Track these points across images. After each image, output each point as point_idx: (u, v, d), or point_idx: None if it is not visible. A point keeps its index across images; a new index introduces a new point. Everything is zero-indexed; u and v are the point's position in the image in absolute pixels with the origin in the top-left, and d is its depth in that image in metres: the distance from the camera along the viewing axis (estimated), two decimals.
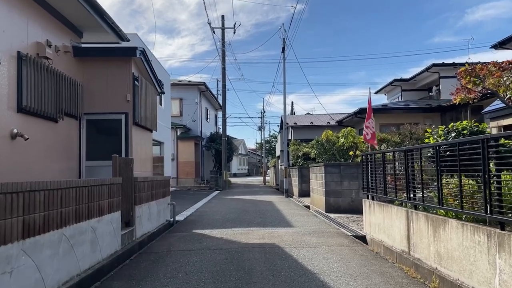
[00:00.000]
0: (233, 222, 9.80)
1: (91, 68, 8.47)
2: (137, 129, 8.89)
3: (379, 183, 7.19)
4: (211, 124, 35.26)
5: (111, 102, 8.46)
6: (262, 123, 47.18)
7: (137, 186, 7.73)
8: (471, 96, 7.51)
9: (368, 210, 7.72)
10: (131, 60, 8.51)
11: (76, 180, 4.96)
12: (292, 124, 24.65)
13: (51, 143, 7.25)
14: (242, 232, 8.20)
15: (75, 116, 8.09)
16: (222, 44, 26.24)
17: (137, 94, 8.76)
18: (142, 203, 8.09)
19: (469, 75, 7.11)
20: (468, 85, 7.23)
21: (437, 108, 18.79)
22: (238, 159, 64.37)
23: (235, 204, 15.13)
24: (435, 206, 5.03)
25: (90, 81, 8.42)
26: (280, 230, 8.51)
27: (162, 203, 9.85)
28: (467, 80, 7.16)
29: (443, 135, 5.64)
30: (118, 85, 8.48)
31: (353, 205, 11.32)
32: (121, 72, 8.51)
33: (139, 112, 8.87)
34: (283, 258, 5.79)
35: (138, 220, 7.79)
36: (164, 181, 10.22)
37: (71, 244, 4.76)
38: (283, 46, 18.65)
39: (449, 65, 23.16)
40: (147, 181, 8.46)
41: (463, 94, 7.50)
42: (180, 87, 28.54)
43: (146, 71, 9.38)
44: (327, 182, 11.71)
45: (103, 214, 5.87)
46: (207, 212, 12.43)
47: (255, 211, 12.24)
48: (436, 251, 4.89)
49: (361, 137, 12.30)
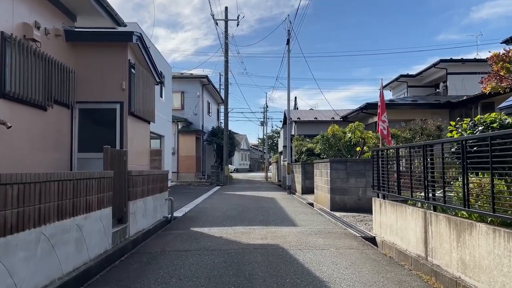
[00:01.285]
0: (233, 220, 9.30)
1: (84, 53, 7.94)
2: (133, 119, 8.37)
3: (391, 181, 6.66)
4: (213, 118, 34.72)
5: (106, 90, 7.94)
6: (265, 118, 46.62)
7: (131, 180, 7.22)
8: (503, 85, 6.88)
9: (379, 210, 7.19)
10: (127, 45, 7.97)
11: (58, 172, 4.45)
12: (296, 119, 24.11)
13: (39, 133, 6.74)
14: (243, 231, 7.69)
15: (66, 104, 7.58)
16: (225, 36, 25.65)
17: (133, 83, 8.23)
18: (137, 199, 7.59)
19: (502, 61, 6.47)
20: (500, 72, 6.60)
21: (445, 104, 18.22)
22: (240, 154, 63.88)
23: (236, 200, 14.63)
24: (459, 208, 4.50)
25: (83, 67, 7.90)
26: (283, 229, 8.00)
27: (159, 199, 9.35)
28: (499, 66, 6.53)
29: (469, 129, 5.09)
30: (113, 73, 7.95)
31: (359, 203, 10.79)
32: (117, 59, 7.98)
33: (136, 102, 8.35)
34: (287, 262, 5.28)
35: (132, 216, 7.28)
36: (162, 175, 9.71)
37: (51, 244, 4.25)
38: (288, 38, 18.08)
39: (457, 61, 22.61)
40: (143, 175, 7.95)
41: (494, 83, 6.86)
42: (182, 80, 28.00)
43: (144, 59, 8.85)
44: (333, 179, 11.18)
45: (91, 211, 5.36)
46: (207, 208, 11.93)
47: (257, 208, 11.74)
48: (459, 258, 4.36)
49: (369, 132, 11.75)
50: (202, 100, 28.88)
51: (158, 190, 9.31)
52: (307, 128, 23.80)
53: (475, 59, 23.88)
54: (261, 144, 61.70)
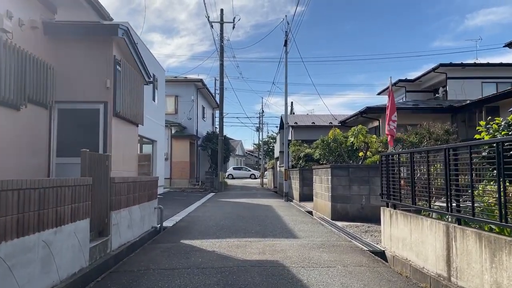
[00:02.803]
0: (228, 231, 8.58)
1: (65, 49, 7.25)
2: (119, 121, 7.67)
3: (404, 189, 5.99)
4: (208, 123, 34.01)
5: (88, 89, 7.25)
6: (261, 122, 45.94)
7: (114, 188, 6.50)
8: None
9: (388, 221, 6.51)
10: (112, 40, 7.30)
11: (18, 180, 3.75)
12: (293, 124, 23.47)
13: (9, 135, 6.03)
14: (239, 244, 6.97)
15: (43, 104, 6.88)
16: (221, 38, 25.04)
17: (119, 81, 7.55)
18: (121, 208, 6.86)
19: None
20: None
21: (448, 108, 17.67)
22: (235, 160, 63.10)
23: (231, 208, 13.90)
24: (494, 222, 3.83)
25: (64, 64, 7.21)
26: (282, 242, 7.29)
27: (147, 208, 8.61)
28: None
29: (503, 129, 4.44)
30: (97, 70, 7.27)
31: (363, 212, 10.11)
32: (101, 54, 7.30)
33: (121, 102, 7.66)
34: (290, 284, 4.57)
35: (115, 228, 6.55)
36: (151, 182, 8.98)
37: (7, 266, 3.53)
38: (286, 39, 17.46)
39: (457, 66, 22.15)
40: (128, 182, 7.23)
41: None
42: (176, 83, 27.29)
43: (131, 56, 8.17)
44: (334, 186, 10.50)
45: (63, 224, 4.64)
46: (200, 217, 11.20)
47: (253, 217, 11.02)
48: (495, 281, 3.69)
49: (372, 137, 11.10)
50: (196, 104, 28.18)
51: (146, 198, 8.58)
52: (305, 133, 23.17)
53: (475, 63, 23.43)
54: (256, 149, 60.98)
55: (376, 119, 18.48)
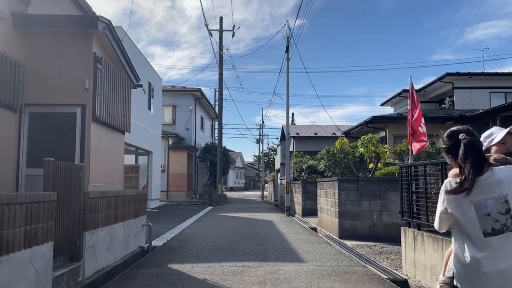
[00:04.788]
0: (224, 252, 7.59)
1: (38, 44, 6.37)
2: (99, 127, 6.74)
3: (432, 207, 5.04)
4: (207, 134, 33.11)
5: (64, 90, 6.35)
6: (261, 133, 45.02)
7: (89, 204, 5.54)
8: None
9: (411, 244, 5.54)
10: (91, 35, 6.41)
11: None
12: (294, 135, 22.54)
13: None
14: (235, 271, 5.97)
15: (11, 107, 5.97)
16: (220, 47, 24.28)
17: (100, 82, 6.64)
18: (98, 227, 5.90)
19: None
20: None
21: (458, 118, 16.74)
22: (235, 172, 62.09)
23: (229, 223, 12.90)
24: None
25: (37, 62, 6.32)
26: (286, 267, 6.30)
27: (133, 225, 7.64)
28: None
29: None
30: (74, 68, 6.37)
31: (374, 230, 9.12)
32: (78, 51, 6.41)
33: (103, 106, 6.74)
34: None
35: (90, 251, 5.58)
36: (138, 196, 8.02)
37: None
38: (287, 45, 16.66)
39: (464, 75, 21.36)
40: (108, 197, 6.27)
41: None
42: (174, 93, 26.48)
43: (116, 54, 7.28)
44: (342, 200, 9.53)
45: (12, 251, 3.68)
46: (194, 234, 10.20)
47: (252, 235, 10.02)
48: None
49: (384, 146, 10.15)
50: (195, 114, 27.32)
51: (132, 215, 7.62)
52: (307, 144, 22.24)
53: (483, 72, 22.65)
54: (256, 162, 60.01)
55: (383, 129, 17.57)
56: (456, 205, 2.08)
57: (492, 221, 1.99)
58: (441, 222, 2.22)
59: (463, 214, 2.06)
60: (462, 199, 2.04)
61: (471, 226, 2.03)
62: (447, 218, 2.18)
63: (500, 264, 1.94)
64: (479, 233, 2.01)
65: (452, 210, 2.09)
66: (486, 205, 2.01)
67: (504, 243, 1.96)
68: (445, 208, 2.13)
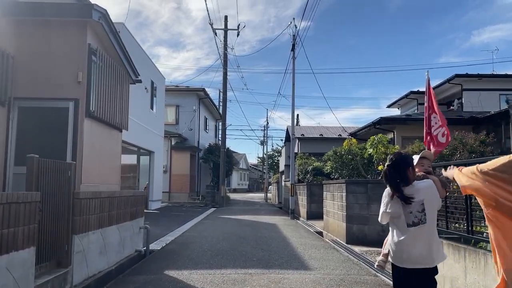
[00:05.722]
0: (224, 257, 7.16)
1: (28, 34, 5.99)
2: (94, 123, 6.35)
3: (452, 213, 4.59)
4: (211, 135, 32.71)
5: (56, 83, 5.97)
6: (265, 135, 44.55)
7: (79, 205, 5.14)
8: None
9: None
10: (86, 25, 6.03)
11: None
12: (299, 136, 22.07)
13: None
14: (236, 279, 5.53)
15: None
16: (224, 46, 23.90)
17: (95, 75, 6.26)
18: (89, 230, 5.49)
19: None
20: None
21: (469, 120, 16.24)
22: (239, 174, 61.68)
23: (231, 226, 12.47)
24: None
25: (27, 53, 5.94)
26: (291, 275, 5.85)
27: (130, 228, 7.23)
28: None
29: None
30: (67, 60, 5.99)
31: (384, 236, 8.56)
32: (71, 41, 6.03)
33: (98, 101, 6.35)
34: None
35: (80, 256, 5.17)
36: (135, 197, 7.61)
37: None
38: (293, 43, 16.21)
39: (473, 77, 20.83)
40: (101, 198, 5.86)
41: None
42: (177, 93, 26.11)
43: (112, 47, 6.89)
44: (350, 204, 9.07)
45: None
46: (195, 237, 9.78)
47: (255, 239, 9.59)
48: None
49: (395, 147, 9.70)
50: (198, 114, 26.94)
51: (129, 217, 7.21)
52: (312, 146, 21.76)
53: (493, 74, 22.11)
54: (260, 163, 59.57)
55: (390, 131, 17.08)
56: (394, 206, 3.05)
57: (413, 216, 2.96)
58: (383, 217, 3.15)
59: (397, 211, 3.02)
60: (395, 201, 3.03)
61: (400, 220, 3.02)
62: (386, 215, 3.11)
63: (414, 244, 2.93)
64: (405, 224, 2.99)
65: (390, 209, 3.06)
66: (410, 206, 2.96)
67: (419, 231, 2.94)
68: (386, 207, 3.10)
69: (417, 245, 2.92)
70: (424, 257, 2.92)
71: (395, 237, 3.04)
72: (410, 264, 2.94)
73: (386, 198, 3.08)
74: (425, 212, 2.95)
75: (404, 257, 2.96)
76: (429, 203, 2.98)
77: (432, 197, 3.00)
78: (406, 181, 3.00)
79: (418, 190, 2.98)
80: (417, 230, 2.93)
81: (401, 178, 2.99)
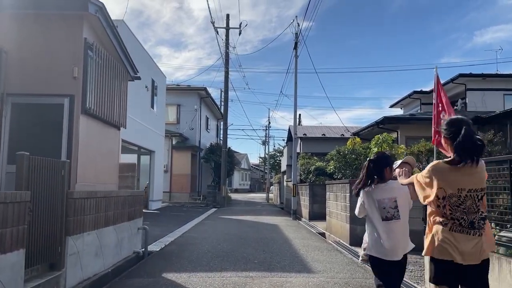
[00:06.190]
0: (225, 259, 6.95)
1: (22, 28, 5.78)
2: (90, 120, 6.14)
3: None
4: (212, 135, 32.50)
5: (51, 79, 5.76)
6: (267, 135, 44.33)
7: (73, 205, 4.93)
8: None
9: None
10: (82, 18, 5.82)
11: None
12: (301, 136, 21.84)
13: None
14: (237, 282, 5.31)
15: None
16: (226, 45, 23.70)
17: (91, 70, 6.05)
18: (84, 231, 5.28)
19: None
20: None
21: (474, 119, 15.94)
22: (240, 174, 61.46)
23: (232, 227, 12.26)
24: None
25: (21, 47, 5.73)
26: (294, 279, 5.64)
27: (127, 229, 7.03)
28: None
29: None
30: (62, 54, 5.79)
31: None
32: (67, 36, 5.83)
33: (94, 97, 6.14)
34: None
35: (74, 258, 4.97)
36: (133, 197, 7.41)
37: None
38: (296, 41, 16.00)
39: (477, 76, 20.60)
40: (97, 198, 5.66)
41: None
42: (178, 92, 25.90)
43: (110, 42, 6.68)
44: (354, 205, 8.79)
45: None
46: (195, 238, 9.58)
47: (257, 240, 9.37)
48: None
49: (400, 147, 9.49)
50: (199, 114, 26.74)
51: (126, 217, 7.01)
52: (314, 146, 21.53)
53: (497, 74, 21.87)
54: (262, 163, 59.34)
55: (394, 131, 16.84)
56: (367, 201, 3.38)
57: (386, 212, 3.26)
58: (360, 211, 3.48)
59: (371, 206, 3.35)
60: (371, 197, 3.35)
61: (375, 214, 3.32)
62: (363, 209, 3.43)
63: (388, 237, 3.23)
64: (379, 218, 3.29)
65: (366, 203, 3.39)
66: (383, 202, 3.29)
67: (394, 226, 3.25)
68: (363, 201, 3.41)
69: (392, 238, 3.25)
70: (399, 247, 3.28)
71: (372, 231, 3.37)
72: (386, 255, 3.25)
73: (363, 193, 3.42)
74: (398, 209, 3.28)
75: (381, 250, 3.26)
76: (402, 202, 3.30)
77: (404, 197, 3.27)
78: (382, 177, 3.37)
79: (392, 188, 3.33)
80: (391, 225, 3.27)
81: (378, 174, 3.37)
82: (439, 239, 2.65)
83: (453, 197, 2.62)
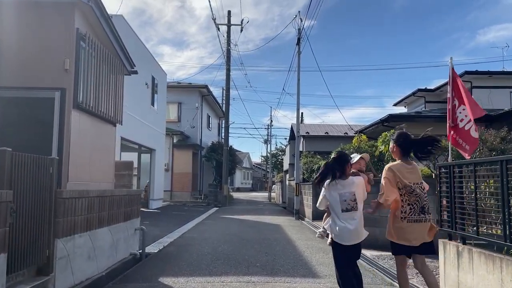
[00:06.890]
0: (226, 262, 6.62)
1: (8, 17, 5.45)
2: (83, 116, 5.81)
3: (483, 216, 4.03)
4: (214, 133, 32.17)
5: (40, 71, 5.43)
6: (269, 133, 43.97)
7: (62, 205, 4.61)
8: None
9: (454, 261, 4.53)
10: (73, 7, 5.48)
11: None
12: (304, 134, 21.47)
13: None
14: None
15: None
16: (228, 42, 23.37)
17: (84, 63, 5.72)
18: (76, 233, 4.96)
19: None
20: None
21: (482, 117, 15.59)
22: (242, 173, 61.13)
23: (233, 227, 11.94)
24: None
25: (9, 37, 5.40)
26: (299, 284, 5.30)
27: (124, 230, 6.71)
28: None
29: None
30: (52, 46, 5.45)
31: None
32: (57, 25, 5.49)
33: (88, 91, 5.82)
34: None
35: (63, 262, 4.65)
36: (130, 196, 7.09)
37: None
38: (299, 37, 15.63)
39: (483, 73, 20.16)
40: (89, 197, 5.33)
41: None
42: (179, 89, 25.55)
43: (105, 34, 6.35)
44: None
45: None
46: (195, 239, 9.25)
47: (259, 241, 9.04)
48: None
49: None
50: (201, 112, 26.42)
51: (122, 217, 6.69)
52: (317, 144, 21.16)
53: (503, 71, 21.44)
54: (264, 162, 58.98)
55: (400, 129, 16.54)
56: (329, 194, 3.91)
57: (346, 204, 3.81)
58: (321, 203, 4.06)
59: (333, 199, 3.88)
60: (333, 191, 3.88)
61: (337, 206, 3.85)
62: (325, 201, 3.99)
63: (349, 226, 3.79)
64: (340, 210, 3.84)
65: (328, 197, 3.93)
66: (344, 195, 3.82)
67: (353, 215, 3.81)
68: (324, 195, 3.96)
69: (352, 225, 3.77)
70: (357, 234, 3.82)
71: (336, 221, 3.85)
72: (348, 241, 3.80)
73: (325, 188, 3.93)
74: (357, 201, 3.80)
75: (344, 236, 3.79)
76: (359, 195, 3.84)
77: (361, 190, 3.88)
78: (344, 173, 3.86)
79: (352, 183, 3.85)
80: (351, 215, 3.79)
81: (340, 170, 3.84)
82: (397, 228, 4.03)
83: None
